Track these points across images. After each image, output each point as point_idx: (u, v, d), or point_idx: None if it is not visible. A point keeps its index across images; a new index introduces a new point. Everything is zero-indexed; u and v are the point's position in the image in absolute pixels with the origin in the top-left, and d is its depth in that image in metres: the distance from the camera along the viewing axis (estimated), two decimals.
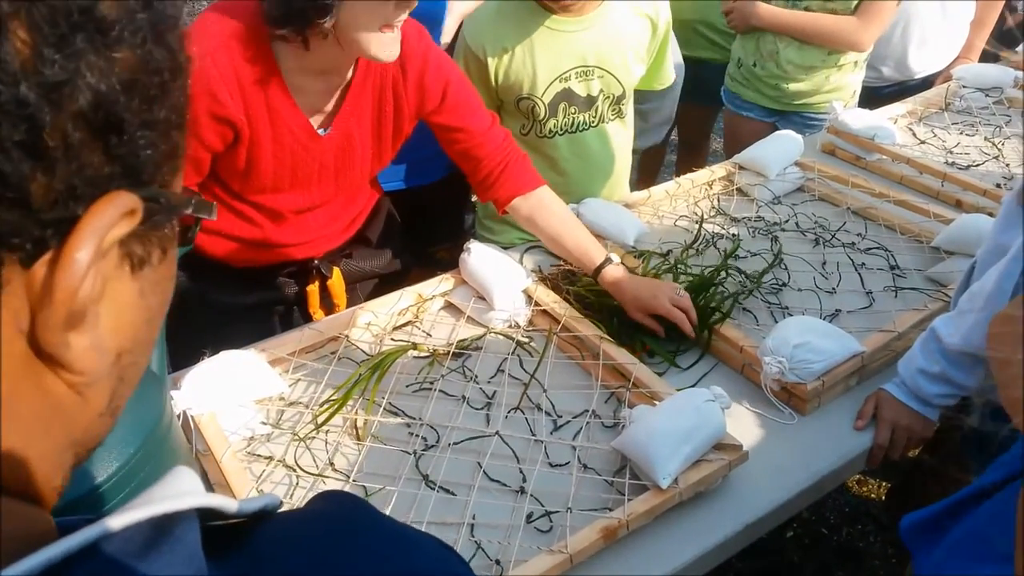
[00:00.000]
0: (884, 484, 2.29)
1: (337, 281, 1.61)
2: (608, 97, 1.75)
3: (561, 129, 1.74)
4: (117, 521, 0.29)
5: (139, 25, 0.30)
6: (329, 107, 1.39)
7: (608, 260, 1.45)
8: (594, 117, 1.76)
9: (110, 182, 0.29)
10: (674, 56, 2.04)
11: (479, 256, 1.53)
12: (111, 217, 0.29)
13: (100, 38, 0.28)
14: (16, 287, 0.28)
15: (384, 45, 1.24)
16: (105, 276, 0.30)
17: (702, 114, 2.91)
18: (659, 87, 1.93)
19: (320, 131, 1.40)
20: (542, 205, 1.50)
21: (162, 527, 0.30)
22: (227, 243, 1.49)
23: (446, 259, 2.25)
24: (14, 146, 0.26)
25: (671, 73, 1.91)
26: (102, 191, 0.29)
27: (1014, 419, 0.65)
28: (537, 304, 1.50)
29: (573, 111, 1.73)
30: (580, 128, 1.76)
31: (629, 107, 1.84)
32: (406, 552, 0.39)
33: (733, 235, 1.77)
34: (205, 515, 0.33)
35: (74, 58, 0.27)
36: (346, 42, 1.23)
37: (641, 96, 2.15)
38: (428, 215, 1.98)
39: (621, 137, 1.85)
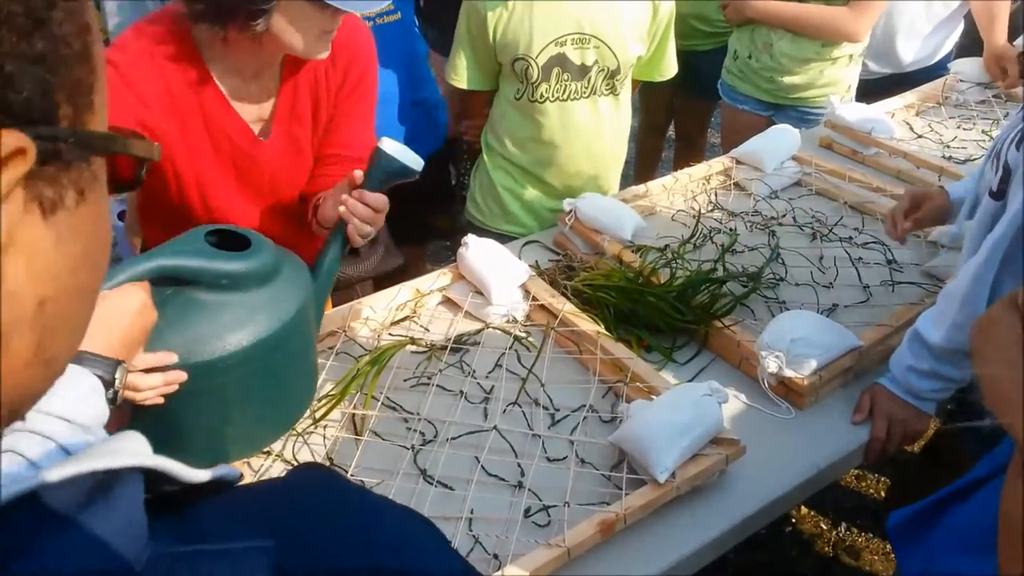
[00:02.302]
0: (883, 479, 2.29)
1: None
2: (603, 70, 1.76)
3: (552, 95, 1.76)
4: (55, 474, 0.29)
5: None
6: (267, 111, 1.34)
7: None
8: (586, 88, 1.77)
9: None
10: None
11: (477, 251, 1.53)
12: None
13: None
14: None
15: (320, 47, 1.22)
16: (10, 221, 0.29)
17: (699, 108, 2.91)
18: (659, 78, 1.94)
19: (260, 137, 1.35)
20: None
21: (103, 484, 0.30)
22: None
23: (447, 227, 2.25)
24: None
25: (673, 66, 1.92)
26: None
27: (999, 417, 0.65)
28: (535, 299, 1.50)
29: (566, 78, 1.74)
30: (571, 97, 1.77)
31: (625, 88, 1.85)
32: (374, 518, 0.39)
33: (730, 230, 1.77)
34: (158, 482, 0.33)
35: None
36: (276, 44, 1.20)
37: None
38: (423, 186, 2.01)
39: (613, 115, 1.86)
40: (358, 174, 1.17)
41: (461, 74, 1.79)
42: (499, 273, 1.50)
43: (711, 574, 1.19)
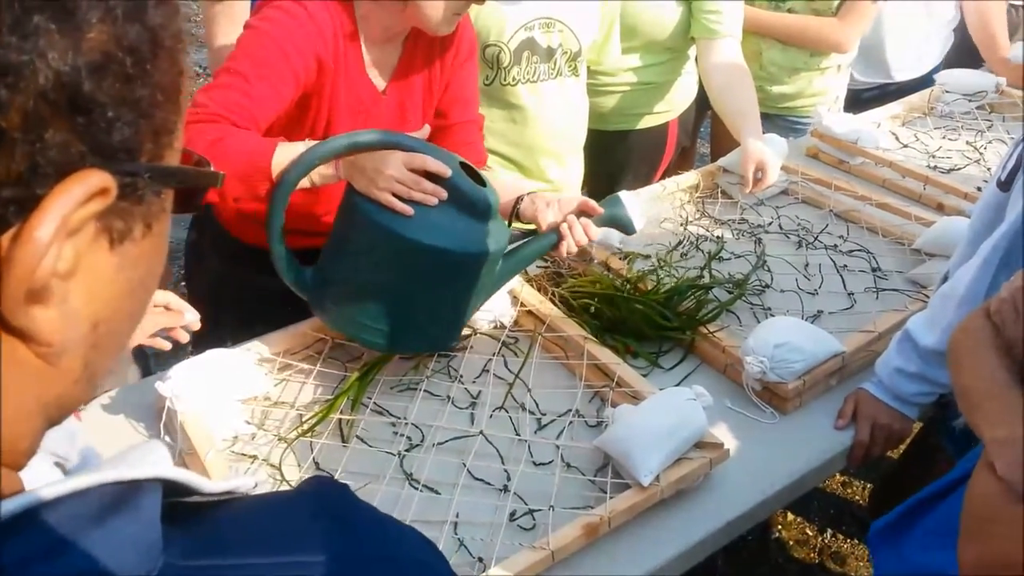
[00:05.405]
0: (868, 486, 2.31)
1: None
2: (566, 52, 1.82)
3: (524, 78, 1.80)
4: (77, 483, 0.30)
5: (112, 4, 0.30)
6: (385, 79, 1.43)
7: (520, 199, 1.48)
8: (553, 69, 1.82)
9: (81, 160, 0.29)
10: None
11: None
12: (78, 196, 0.29)
13: (65, 18, 0.28)
14: None
15: (449, 26, 1.32)
16: (78, 251, 0.30)
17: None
18: (607, 63, 2.01)
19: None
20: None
21: (123, 494, 0.31)
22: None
23: None
24: None
25: (612, 55, 1.98)
26: (71, 169, 0.29)
27: (970, 423, 0.66)
28: (522, 305, 1.51)
29: (535, 60, 1.79)
30: (540, 78, 1.82)
31: (584, 69, 1.90)
32: (383, 537, 0.39)
33: (717, 237, 1.79)
34: (173, 492, 0.34)
35: (32, 39, 0.27)
36: (415, 13, 1.29)
37: None
38: None
39: (576, 95, 1.91)
40: (596, 206, 1.36)
41: None
42: None
43: None
